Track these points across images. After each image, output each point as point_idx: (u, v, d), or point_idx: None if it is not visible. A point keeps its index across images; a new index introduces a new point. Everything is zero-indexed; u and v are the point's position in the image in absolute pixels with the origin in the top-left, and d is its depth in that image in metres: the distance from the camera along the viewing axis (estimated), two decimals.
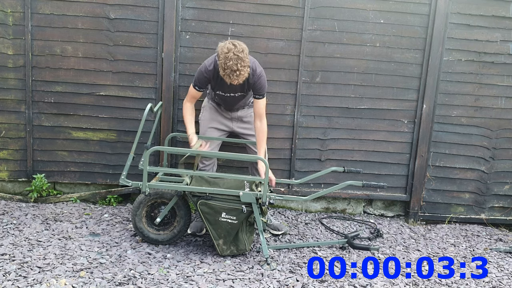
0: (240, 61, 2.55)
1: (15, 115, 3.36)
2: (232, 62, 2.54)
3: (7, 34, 3.25)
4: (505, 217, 3.73)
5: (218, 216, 2.66)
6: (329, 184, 3.59)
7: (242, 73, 2.59)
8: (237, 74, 2.57)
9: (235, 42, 2.61)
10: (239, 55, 2.55)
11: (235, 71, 2.56)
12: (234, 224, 2.67)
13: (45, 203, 3.40)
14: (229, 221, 2.67)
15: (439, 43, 3.43)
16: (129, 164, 2.77)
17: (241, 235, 2.72)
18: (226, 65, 2.56)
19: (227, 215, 2.66)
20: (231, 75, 2.58)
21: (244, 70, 2.59)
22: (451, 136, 3.60)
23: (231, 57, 2.54)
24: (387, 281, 2.61)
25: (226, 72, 2.58)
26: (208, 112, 3.09)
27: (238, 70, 2.56)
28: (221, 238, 2.70)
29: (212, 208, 2.65)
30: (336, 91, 3.49)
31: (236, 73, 2.57)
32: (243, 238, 2.73)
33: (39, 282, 2.25)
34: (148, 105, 2.78)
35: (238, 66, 2.55)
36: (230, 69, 2.55)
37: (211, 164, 3.12)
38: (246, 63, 2.59)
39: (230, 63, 2.54)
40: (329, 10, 3.37)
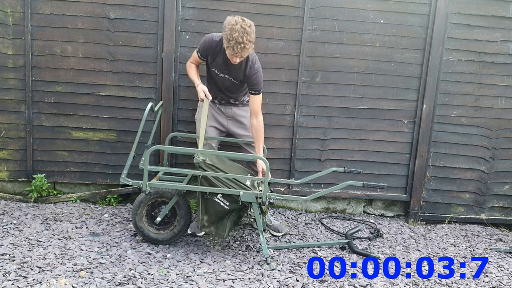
0: (246, 35, 2.53)
1: (15, 115, 3.36)
2: (238, 34, 2.52)
3: (7, 34, 3.25)
4: (505, 217, 3.73)
5: (214, 195, 2.65)
6: (329, 184, 3.59)
7: (246, 47, 2.56)
8: (242, 47, 2.55)
9: (244, 18, 2.60)
10: (246, 29, 2.54)
11: (239, 43, 2.53)
12: (225, 209, 2.67)
13: (45, 203, 3.40)
14: (221, 204, 2.66)
15: (439, 43, 3.43)
16: (130, 164, 2.77)
17: (226, 221, 2.71)
18: (231, 36, 2.54)
19: (223, 197, 2.65)
20: (235, 47, 2.55)
21: (249, 45, 2.56)
22: (451, 136, 3.60)
23: (238, 29, 2.52)
24: (387, 281, 2.61)
25: (230, 44, 2.55)
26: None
27: (242, 43, 2.53)
28: (207, 215, 2.69)
29: (212, 185, 2.63)
30: (336, 91, 3.49)
31: (241, 45, 2.54)
32: (226, 225, 2.71)
33: (39, 282, 2.25)
34: (149, 105, 2.79)
35: (244, 39, 2.53)
36: (235, 40, 2.53)
37: None
38: (252, 39, 2.58)
39: (236, 35, 2.52)
40: (329, 10, 3.38)
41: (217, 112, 3.07)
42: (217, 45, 2.78)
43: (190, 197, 3.56)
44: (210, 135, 3.05)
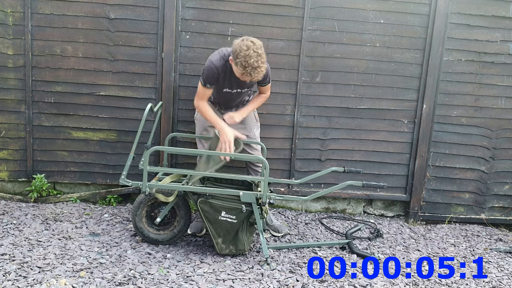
0: (260, 58, 2.57)
1: (15, 115, 3.36)
2: (253, 59, 2.54)
3: (7, 34, 3.25)
4: (505, 217, 3.73)
5: (217, 214, 2.66)
6: (329, 184, 3.59)
7: (262, 70, 2.60)
8: (258, 71, 2.58)
9: (251, 39, 2.61)
10: (258, 52, 2.56)
11: (256, 68, 2.56)
12: (233, 224, 2.67)
13: (45, 203, 3.40)
14: (229, 220, 2.67)
15: (439, 43, 3.43)
16: (129, 164, 2.77)
17: (241, 235, 2.72)
18: (247, 63, 2.55)
19: (227, 214, 2.66)
20: (252, 73, 2.57)
21: (264, 67, 2.60)
22: (451, 136, 3.60)
23: (251, 54, 2.54)
24: (387, 281, 2.61)
25: (247, 71, 2.57)
26: None
27: (259, 67, 2.57)
28: (220, 237, 2.70)
29: (212, 206, 2.65)
30: (336, 91, 3.49)
31: (258, 70, 2.57)
32: (243, 238, 2.72)
33: (39, 282, 2.25)
34: (148, 105, 2.78)
35: (259, 63, 2.56)
36: (252, 66, 2.55)
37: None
38: (265, 59, 2.61)
39: (252, 61, 2.54)
40: (329, 10, 3.38)
41: (218, 113, 3.06)
42: (223, 69, 2.76)
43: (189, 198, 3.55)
44: (210, 134, 3.05)
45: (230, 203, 2.66)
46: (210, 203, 2.65)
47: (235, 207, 2.66)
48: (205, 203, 2.65)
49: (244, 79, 2.68)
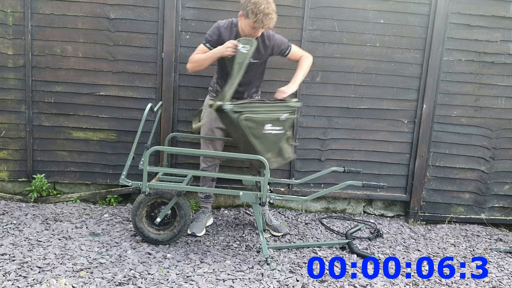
0: (270, 6, 2.58)
1: (15, 115, 3.36)
2: (264, 6, 2.55)
3: (7, 34, 3.25)
4: (505, 217, 3.73)
5: (262, 129, 2.59)
6: (329, 184, 3.59)
7: (273, 18, 2.60)
8: (270, 18, 2.58)
9: None
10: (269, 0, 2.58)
11: (267, 14, 2.56)
12: (279, 134, 2.63)
13: (45, 203, 3.41)
14: (274, 132, 2.61)
15: (439, 43, 3.43)
16: (129, 164, 2.77)
17: (285, 145, 2.69)
18: (258, 9, 2.55)
19: (272, 126, 2.61)
20: (264, 19, 2.56)
21: (274, 16, 2.60)
22: (451, 136, 3.60)
23: (261, 1, 2.55)
24: (387, 281, 2.61)
25: (258, 17, 2.56)
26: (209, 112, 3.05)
27: (270, 14, 2.57)
28: (269, 151, 2.64)
29: (256, 121, 2.57)
30: (336, 91, 3.49)
31: (269, 16, 2.57)
32: (285, 147, 2.70)
33: (39, 282, 2.25)
34: (148, 105, 2.78)
35: (270, 9, 2.57)
36: (263, 12, 2.55)
37: (214, 165, 3.10)
38: (275, 9, 2.60)
39: (262, 7, 2.54)
40: (329, 10, 3.38)
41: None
42: (227, 29, 2.75)
43: (190, 198, 3.56)
44: (217, 135, 3.02)
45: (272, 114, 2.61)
46: (254, 118, 2.56)
47: (277, 117, 2.62)
48: (249, 119, 2.56)
49: (255, 32, 2.64)
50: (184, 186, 2.70)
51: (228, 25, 2.77)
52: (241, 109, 2.55)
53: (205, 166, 3.09)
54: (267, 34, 2.83)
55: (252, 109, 2.58)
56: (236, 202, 3.69)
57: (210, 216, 3.23)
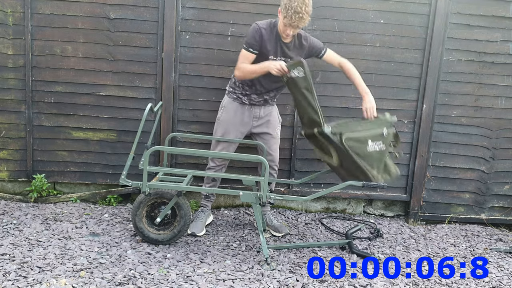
0: (304, 5, 2.53)
1: (15, 115, 3.36)
2: (297, 3, 2.52)
3: (7, 34, 3.25)
4: (505, 217, 3.73)
5: (366, 146, 2.57)
6: (329, 184, 3.59)
7: (304, 18, 2.55)
8: (299, 17, 2.54)
9: None
10: (305, 1, 2.54)
11: (298, 13, 2.53)
12: (382, 151, 2.61)
13: (45, 203, 3.41)
14: (377, 148, 2.60)
15: (439, 43, 3.43)
16: (129, 164, 2.76)
17: (388, 160, 2.67)
18: (290, 6, 2.53)
19: (373, 142, 2.59)
20: (293, 16, 2.53)
21: (306, 16, 2.56)
22: (451, 136, 3.60)
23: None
24: (387, 281, 2.61)
25: (289, 13, 2.53)
26: (230, 113, 2.98)
27: (301, 13, 2.53)
28: (374, 168, 2.62)
29: (359, 140, 2.56)
30: (336, 91, 3.49)
31: (299, 15, 2.53)
32: (389, 163, 2.68)
33: (39, 282, 2.25)
34: (148, 105, 2.78)
35: (302, 9, 2.52)
36: (294, 9, 2.52)
37: (222, 165, 3.08)
38: (309, 11, 2.57)
39: (295, 4, 2.52)
40: (329, 10, 3.37)
41: (244, 115, 2.99)
42: (267, 29, 2.73)
43: (190, 198, 3.56)
44: (232, 137, 3.00)
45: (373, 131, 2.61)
46: (356, 137, 2.55)
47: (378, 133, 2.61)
48: (351, 139, 2.54)
49: (286, 30, 2.62)
50: (184, 186, 2.70)
51: (268, 26, 2.74)
52: (340, 130, 2.56)
53: (213, 165, 3.06)
54: (304, 35, 2.83)
55: (350, 128, 2.59)
56: (236, 202, 3.69)
57: (210, 214, 3.24)
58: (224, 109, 3.02)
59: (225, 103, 3.02)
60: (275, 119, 3.09)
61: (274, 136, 3.06)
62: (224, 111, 3.01)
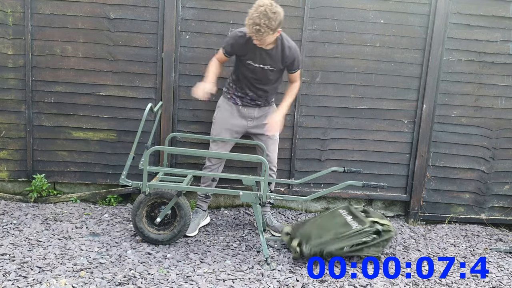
0: (265, 19, 2.47)
1: (15, 115, 3.36)
2: (258, 15, 2.48)
3: (7, 34, 3.25)
4: (505, 217, 3.73)
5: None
6: (329, 184, 3.59)
7: (261, 31, 2.50)
8: (256, 29, 2.49)
9: (274, 2, 2.55)
10: (268, 13, 2.47)
11: (256, 25, 2.49)
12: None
13: (45, 203, 3.40)
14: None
15: (439, 43, 3.43)
16: (129, 164, 2.77)
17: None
18: (251, 16, 2.50)
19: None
20: (251, 27, 2.51)
21: (264, 30, 2.49)
22: (451, 136, 3.60)
23: (261, 10, 2.48)
24: (387, 281, 2.61)
25: (248, 23, 2.52)
26: (223, 112, 3.01)
27: (259, 25, 2.48)
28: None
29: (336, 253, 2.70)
30: (336, 91, 3.49)
31: (256, 27, 2.49)
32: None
33: (39, 282, 2.25)
34: (148, 105, 2.78)
35: (261, 21, 2.47)
36: (253, 21, 2.49)
37: (218, 164, 3.08)
38: (271, 25, 2.50)
39: (256, 15, 2.48)
40: (329, 10, 3.37)
41: (237, 114, 3.01)
42: (244, 38, 2.74)
43: (190, 198, 3.56)
44: (226, 136, 3.01)
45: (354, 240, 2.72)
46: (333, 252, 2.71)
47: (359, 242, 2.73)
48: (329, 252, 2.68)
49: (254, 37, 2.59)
50: (184, 186, 2.70)
51: (243, 33, 2.75)
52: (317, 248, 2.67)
53: (209, 165, 3.07)
54: (289, 46, 2.79)
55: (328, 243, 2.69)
56: (236, 202, 3.69)
57: (205, 215, 3.21)
58: (219, 109, 3.05)
59: (220, 103, 3.06)
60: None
61: (271, 137, 3.06)
62: (219, 111, 3.04)
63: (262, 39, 2.58)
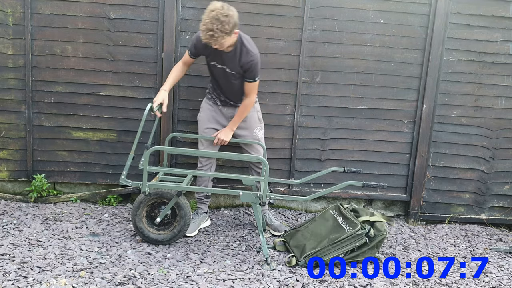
0: (218, 23, 2.48)
1: (15, 115, 3.36)
2: (210, 20, 2.48)
3: (7, 34, 3.25)
4: (505, 217, 3.73)
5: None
6: (329, 184, 3.59)
7: (216, 36, 2.51)
8: (210, 35, 2.50)
9: (226, 5, 2.54)
10: (220, 18, 2.47)
11: (209, 30, 2.49)
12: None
13: (45, 203, 3.40)
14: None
15: (439, 43, 3.43)
16: (129, 164, 2.76)
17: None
18: (204, 21, 2.51)
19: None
20: (205, 32, 2.52)
21: (218, 34, 2.50)
22: (451, 136, 3.60)
23: (212, 15, 2.48)
24: (387, 281, 2.61)
25: (203, 29, 2.52)
26: (205, 112, 3.07)
27: (212, 30, 2.49)
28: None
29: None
30: (336, 91, 3.49)
31: (210, 33, 2.50)
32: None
33: (39, 282, 2.25)
34: (148, 105, 2.78)
35: (214, 26, 2.48)
36: (206, 26, 2.50)
37: (209, 164, 3.10)
38: (225, 29, 2.50)
39: (208, 21, 2.49)
40: (329, 10, 3.37)
41: (218, 114, 3.06)
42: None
43: (190, 198, 3.56)
44: (209, 135, 3.05)
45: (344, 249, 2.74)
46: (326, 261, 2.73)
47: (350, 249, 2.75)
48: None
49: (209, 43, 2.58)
50: (184, 186, 2.70)
51: None
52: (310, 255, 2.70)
53: (200, 166, 3.09)
54: (248, 51, 2.74)
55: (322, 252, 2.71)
56: (236, 202, 3.69)
57: (206, 217, 3.21)
58: (202, 109, 3.11)
59: (203, 103, 3.12)
60: (253, 119, 3.07)
61: (253, 137, 3.07)
62: (202, 111, 3.10)
63: (219, 43, 2.58)
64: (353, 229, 2.70)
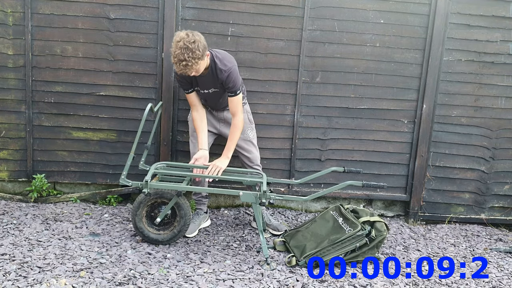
0: (188, 52, 2.50)
1: (15, 115, 3.36)
2: (180, 51, 2.50)
3: (7, 34, 3.25)
4: (505, 217, 3.73)
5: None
6: (329, 184, 3.59)
7: (190, 64, 2.53)
8: (184, 65, 2.52)
9: (190, 32, 2.57)
10: (188, 46, 2.50)
11: (182, 61, 2.51)
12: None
13: (45, 203, 3.41)
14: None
15: (439, 43, 3.43)
16: (129, 164, 2.77)
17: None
18: (174, 53, 2.53)
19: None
20: (178, 64, 2.53)
21: (192, 62, 2.52)
22: (451, 136, 3.60)
23: (181, 46, 2.50)
24: (387, 281, 2.61)
25: (175, 61, 2.55)
26: None
27: (185, 60, 2.51)
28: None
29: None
30: (336, 91, 3.49)
31: (183, 63, 2.52)
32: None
33: (39, 282, 2.25)
34: (148, 105, 2.78)
35: (185, 56, 2.50)
36: (178, 58, 2.52)
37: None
38: (196, 55, 2.52)
39: (178, 52, 2.51)
40: (329, 10, 3.37)
41: (208, 115, 3.07)
42: None
43: (190, 198, 3.56)
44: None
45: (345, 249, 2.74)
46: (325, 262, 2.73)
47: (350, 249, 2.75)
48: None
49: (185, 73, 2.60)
50: (184, 186, 2.70)
51: None
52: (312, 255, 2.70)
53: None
54: (222, 67, 2.74)
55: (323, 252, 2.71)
56: (236, 202, 3.69)
57: (205, 217, 3.21)
58: (190, 115, 3.12)
59: (189, 115, 3.14)
60: (245, 122, 3.05)
61: (244, 138, 3.07)
62: (189, 116, 3.12)
63: (195, 70, 2.60)
64: (353, 230, 2.70)
